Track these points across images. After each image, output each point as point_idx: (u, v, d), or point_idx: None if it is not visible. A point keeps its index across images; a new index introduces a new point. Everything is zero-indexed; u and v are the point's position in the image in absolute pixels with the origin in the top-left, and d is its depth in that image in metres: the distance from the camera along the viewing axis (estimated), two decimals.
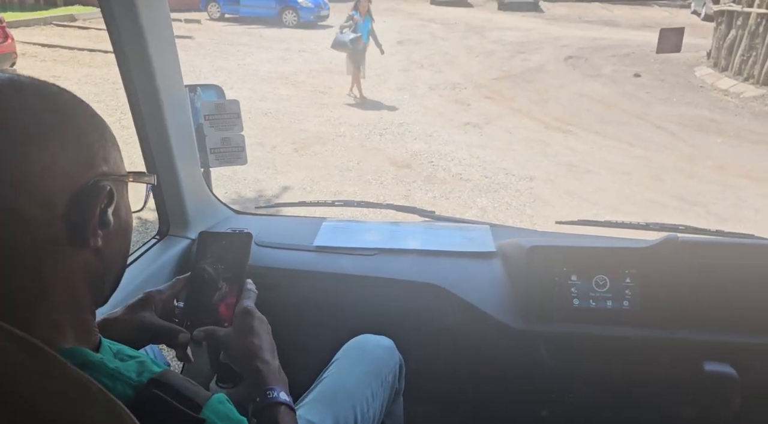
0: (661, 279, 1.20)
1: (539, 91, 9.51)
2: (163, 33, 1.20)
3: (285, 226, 1.55)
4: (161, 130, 1.25)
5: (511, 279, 1.27)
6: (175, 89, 1.28)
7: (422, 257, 1.36)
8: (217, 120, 1.43)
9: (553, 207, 4.98)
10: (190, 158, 1.38)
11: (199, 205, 1.42)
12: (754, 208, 5.05)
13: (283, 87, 8.95)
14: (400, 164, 5.88)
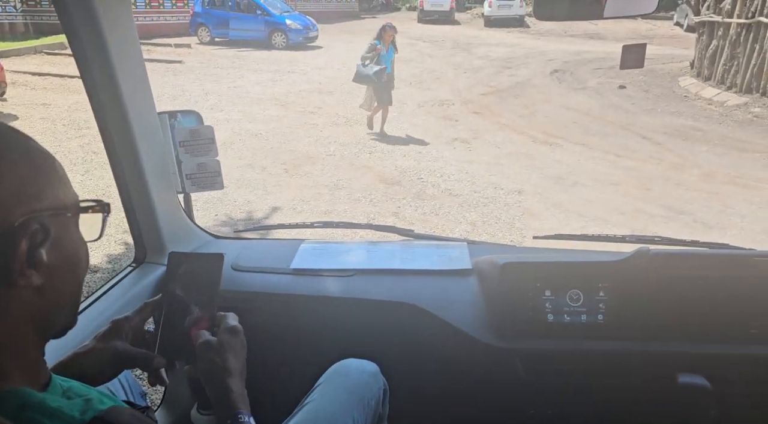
0: (634, 292, 1.21)
1: (526, 105, 9.61)
2: (131, 59, 1.22)
3: (263, 249, 1.56)
4: (133, 157, 1.26)
5: (487, 296, 1.28)
6: (146, 116, 1.30)
7: (400, 277, 1.37)
8: (192, 146, 1.45)
9: (542, 220, 5.00)
10: (165, 184, 1.39)
11: (175, 231, 1.43)
12: (740, 214, 5.09)
13: (273, 108, 9.01)
14: (389, 182, 5.91)
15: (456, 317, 1.25)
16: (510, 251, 1.53)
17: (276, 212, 5.08)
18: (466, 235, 4.71)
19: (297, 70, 12.68)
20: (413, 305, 1.27)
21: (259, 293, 1.35)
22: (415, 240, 1.61)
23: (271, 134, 7.51)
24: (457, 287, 1.33)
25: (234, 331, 0.85)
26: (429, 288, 1.33)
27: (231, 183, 5.68)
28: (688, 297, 1.20)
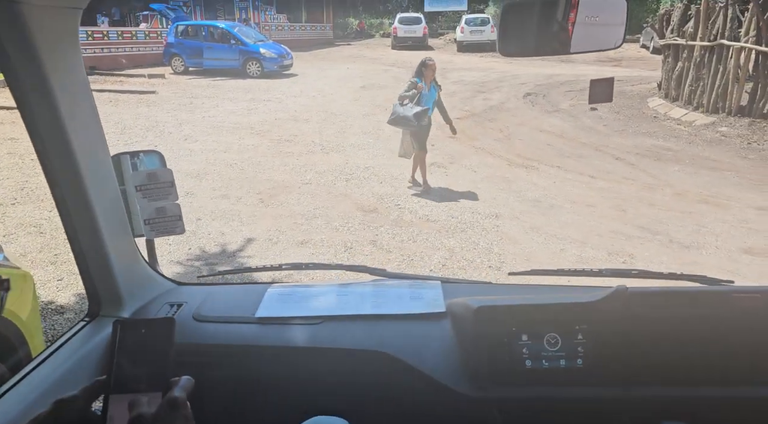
0: (613, 334, 1.17)
1: (501, 128, 9.72)
2: (79, 98, 1.15)
3: (228, 296, 1.48)
4: (84, 202, 1.19)
5: (461, 342, 1.22)
6: (98, 158, 1.23)
7: (371, 323, 1.31)
8: (150, 190, 1.38)
9: (520, 244, 4.99)
10: (121, 229, 1.31)
11: (133, 281, 1.35)
12: (714, 233, 5.15)
13: (249, 137, 8.96)
14: (367, 209, 5.87)
15: (430, 365, 1.19)
16: (485, 290, 1.48)
17: (251, 243, 4.98)
18: (445, 261, 4.67)
19: (272, 98, 12.69)
20: (385, 354, 1.21)
21: (222, 345, 1.28)
22: (388, 280, 1.55)
23: (247, 164, 7.43)
24: (431, 332, 1.27)
25: (174, 404, 0.76)
26: (402, 334, 1.27)
27: (205, 215, 5.58)
28: (668, 338, 1.16)
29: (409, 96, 6.14)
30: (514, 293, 1.38)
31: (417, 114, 6.00)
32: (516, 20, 1.09)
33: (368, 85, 14.68)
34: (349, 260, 4.72)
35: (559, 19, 1.10)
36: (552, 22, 1.11)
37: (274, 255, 4.76)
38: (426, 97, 6.23)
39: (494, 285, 1.54)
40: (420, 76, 6.20)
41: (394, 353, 1.21)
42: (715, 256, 4.75)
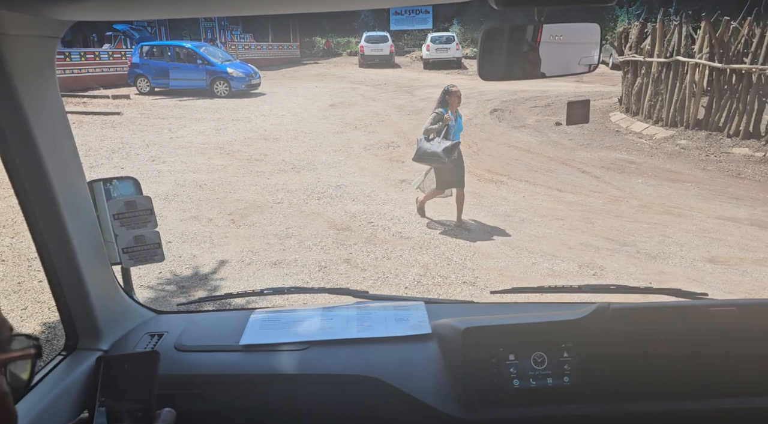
0: (598, 350, 1.19)
1: (469, 144, 9.85)
2: (55, 125, 1.13)
3: (210, 323, 1.45)
4: (60, 231, 1.16)
5: (449, 364, 1.23)
6: (74, 185, 1.20)
7: (357, 347, 1.30)
8: (127, 218, 1.35)
9: (493, 259, 5.04)
10: (99, 259, 1.28)
11: (111, 311, 1.32)
12: (679, 243, 5.30)
13: (218, 157, 8.86)
14: (340, 227, 5.85)
15: (418, 388, 1.19)
16: (468, 310, 1.49)
17: (224, 265, 4.90)
18: (420, 278, 4.69)
19: (241, 117, 12.61)
20: (373, 378, 1.21)
21: (206, 376, 1.25)
22: (371, 302, 1.55)
23: (217, 184, 7.34)
24: (418, 354, 1.27)
25: None
26: (388, 358, 1.27)
27: (175, 238, 5.48)
28: (651, 353, 1.19)
29: (436, 129, 5.57)
30: (498, 312, 1.40)
31: (447, 149, 5.45)
32: (494, 46, 1.11)
33: (337, 103, 14.74)
34: (324, 279, 4.69)
35: (534, 45, 1.14)
36: (528, 47, 1.14)
37: (247, 276, 4.70)
38: (454, 128, 5.66)
39: (477, 305, 1.56)
40: (445, 106, 5.62)
41: (381, 377, 1.21)
42: (681, 265, 4.89)
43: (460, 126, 5.81)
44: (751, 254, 5.09)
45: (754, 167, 8.15)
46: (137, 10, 1.00)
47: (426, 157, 5.58)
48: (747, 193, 7.02)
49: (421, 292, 4.47)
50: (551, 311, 1.37)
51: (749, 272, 4.71)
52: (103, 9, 0.94)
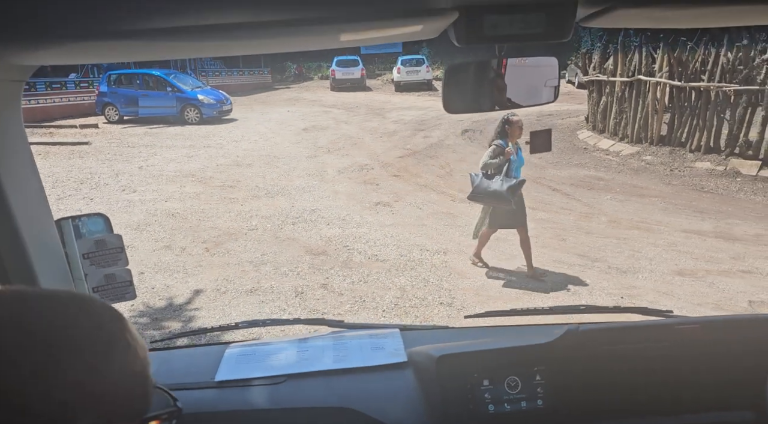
0: (569, 372, 1.22)
1: (442, 165, 9.98)
2: (21, 167, 1.12)
3: (184, 360, 1.44)
4: (26, 273, 1.14)
5: (425, 392, 1.24)
6: (41, 227, 1.19)
7: (334, 378, 1.31)
8: (98, 257, 1.34)
9: (468, 279, 5.08)
10: None
11: None
12: (648, 258, 5.43)
13: (190, 185, 8.78)
14: (315, 252, 5.84)
15: (395, 418, 1.19)
16: (443, 336, 1.51)
17: (198, 295, 4.84)
18: (397, 301, 4.69)
19: (213, 144, 12.54)
20: (350, 409, 1.21)
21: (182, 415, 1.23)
22: (347, 331, 1.56)
23: (189, 212, 7.27)
24: (394, 383, 1.28)
25: None
26: (365, 388, 1.27)
27: (148, 268, 5.39)
28: (621, 372, 1.22)
29: (496, 164, 4.89)
30: (472, 336, 1.42)
31: (512, 188, 4.77)
32: (458, 80, 1.16)
33: (310, 127, 14.79)
34: (301, 306, 4.66)
35: (496, 79, 1.18)
36: (490, 81, 1.18)
37: (222, 305, 4.64)
38: (515, 163, 4.97)
39: (452, 329, 1.58)
40: (504, 138, 4.97)
41: (358, 408, 1.22)
42: (651, 279, 5.00)
43: (522, 160, 5.13)
44: (717, 266, 5.24)
45: (716, 181, 8.42)
46: (104, 55, 1.01)
47: (485, 197, 4.90)
48: (711, 207, 7.25)
49: (399, 314, 4.48)
50: (524, 334, 1.40)
51: (716, 284, 4.84)
52: (71, 53, 0.95)
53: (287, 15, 0.77)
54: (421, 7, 0.82)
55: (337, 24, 0.82)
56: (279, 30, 0.80)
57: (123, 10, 0.75)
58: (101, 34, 0.79)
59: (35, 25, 0.78)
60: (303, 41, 0.91)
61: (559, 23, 0.90)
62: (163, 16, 0.77)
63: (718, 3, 0.80)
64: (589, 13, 0.93)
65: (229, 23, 0.76)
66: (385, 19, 0.84)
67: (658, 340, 1.24)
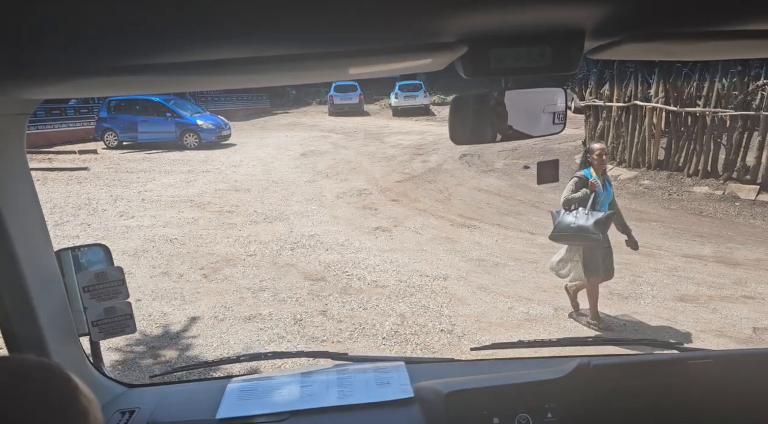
0: (581, 409, 1.19)
1: (441, 189, 10.00)
2: (23, 199, 1.11)
3: (185, 396, 1.40)
4: (25, 304, 1.12)
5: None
6: (41, 258, 1.17)
7: (338, 414, 1.27)
8: (98, 290, 1.32)
9: (469, 305, 5.04)
10: (66, 331, 1.24)
11: None
12: (649, 283, 5.40)
13: (188, 210, 8.76)
14: (314, 278, 5.79)
15: None
16: (449, 369, 1.47)
17: (196, 323, 4.78)
18: (397, 328, 4.64)
19: (211, 169, 12.56)
20: None
21: None
22: (350, 364, 1.52)
23: (187, 238, 7.23)
24: (401, 420, 1.25)
25: None
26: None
27: (145, 295, 5.33)
28: (632, 408, 1.19)
29: (579, 198, 4.39)
30: (479, 370, 1.39)
31: (599, 222, 4.23)
32: (463, 112, 1.15)
33: (308, 152, 14.85)
34: (299, 333, 4.60)
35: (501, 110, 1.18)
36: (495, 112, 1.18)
37: (220, 333, 4.58)
38: (602, 196, 4.42)
39: (458, 363, 1.54)
40: (587, 166, 4.52)
41: None
42: (652, 305, 4.96)
43: (610, 193, 4.53)
44: (719, 291, 5.20)
45: (714, 205, 8.44)
46: (110, 89, 1.01)
47: (570, 235, 4.33)
48: (710, 231, 7.24)
49: (399, 341, 4.42)
50: (532, 367, 1.37)
51: (718, 310, 4.80)
52: (75, 88, 0.94)
53: (297, 50, 0.76)
54: (430, 42, 0.82)
55: (347, 58, 0.82)
56: (287, 64, 0.80)
57: (128, 46, 0.75)
58: (107, 70, 0.78)
59: (40, 61, 0.77)
60: (311, 74, 0.91)
61: (567, 56, 0.90)
62: (169, 52, 0.77)
63: (727, 37, 0.80)
64: (597, 46, 0.93)
65: (238, 58, 0.75)
66: (394, 53, 0.83)
67: (671, 375, 1.21)
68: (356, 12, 0.69)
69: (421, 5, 0.67)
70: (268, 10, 0.65)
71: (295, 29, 0.71)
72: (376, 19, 0.74)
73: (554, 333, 4.53)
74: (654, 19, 0.76)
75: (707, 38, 0.77)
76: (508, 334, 4.49)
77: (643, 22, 0.79)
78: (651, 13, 0.74)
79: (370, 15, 0.71)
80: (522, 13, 0.78)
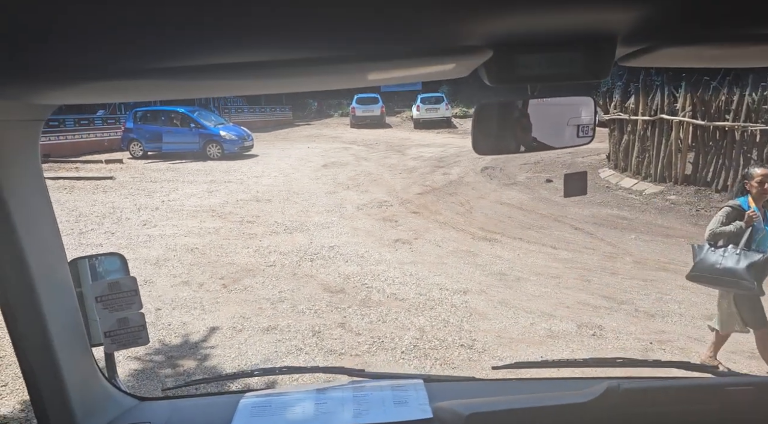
0: None
1: (462, 202, 9.92)
2: (37, 206, 1.10)
3: (197, 410, 1.37)
4: (35, 314, 1.10)
5: None
6: (54, 267, 1.15)
7: None
8: (111, 300, 1.29)
9: (490, 320, 4.94)
10: (77, 342, 1.21)
11: (90, 400, 1.23)
12: (677, 300, 5.24)
13: (210, 220, 8.83)
14: (333, 290, 5.75)
15: None
16: (470, 389, 1.41)
17: (215, 333, 4.77)
18: (416, 342, 4.56)
19: (233, 179, 12.68)
20: None
21: None
22: (367, 381, 1.47)
23: (208, 248, 7.27)
24: None
25: None
26: None
27: (165, 304, 5.35)
28: None
29: (730, 233, 3.65)
30: (501, 390, 1.33)
31: (756, 267, 3.47)
32: (487, 120, 1.11)
33: (329, 163, 14.90)
34: (318, 345, 4.56)
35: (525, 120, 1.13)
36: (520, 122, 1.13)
37: (238, 344, 4.56)
38: (762, 233, 3.64)
39: (479, 382, 1.48)
40: (745, 197, 3.74)
41: None
42: (680, 324, 4.81)
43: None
44: None
45: None
46: (124, 94, 0.99)
47: (713, 277, 3.65)
48: None
49: (418, 356, 4.35)
50: (558, 388, 1.30)
51: None
52: (90, 92, 0.93)
53: (317, 54, 0.73)
54: (455, 46, 0.78)
55: (367, 63, 0.78)
56: (306, 69, 0.76)
57: (144, 49, 0.72)
58: (122, 73, 0.76)
59: (53, 64, 0.76)
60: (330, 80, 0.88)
61: (597, 63, 0.85)
62: (186, 55, 0.74)
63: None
64: (629, 52, 0.88)
65: (257, 62, 0.72)
66: (417, 58, 0.80)
67: (707, 402, 1.14)
68: (377, 14, 0.65)
69: (447, 7, 0.63)
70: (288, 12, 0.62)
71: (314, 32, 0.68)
72: (397, 22, 0.70)
73: (577, 351, 4.41)
74: (695, 21, 0.71)
75: (755, 40, 0.72)
76: (530, 350, 4.39)
77: (683, 24, 0.74)
78: (692, 15, 0.69)
79: (393, 17, 0.68)
80: (552, 17, 0.73)
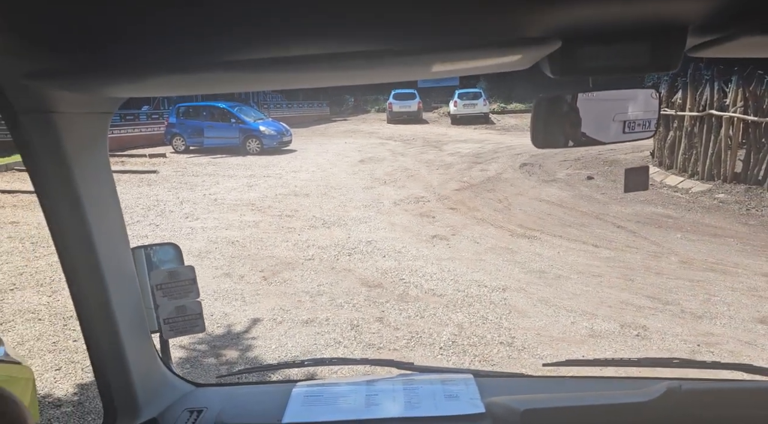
0: None
1: (500, 199, 9.80)
2: (105, 196, 1.14)
3: (250, 398, 1.40)
4: (103, 300, 1.14)
5: None
6: (119, 253, 1.19)
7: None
8: (170, 288, 1.33)
9: (529, 318, 4.88)
10: (139, 330, 1.26)
11: (151, 384, 1.28)
12: (725, 302, 5.06)
13: (250, 214, 8.98)
14: (371, 284, 5.78)
15: None
16: (521, 385, 1.40)
17: (256, 324, 4.86)
18: (454, 338, 4.55)
19: (272, 174, 12.86)
20: None
21: None
22: (416, 374, 1.48)
23: (248, 241, 7.40)
24: None
25: None
26: None
27: (207, 295, 5.47)
28: None
29: None
30: (553, 387, 1.31)
31: None
32: (547, 114, 1.10)
33: (366, 158, 14.95)
34: (356, 339, 4.59)
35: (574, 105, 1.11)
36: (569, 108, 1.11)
37: (278, 336, 4.64)
38: None
39: (530, 379, 1.47)
40: None
41: None
42: (730, 326, 4.64)
43: None
44: None
45: None
46: (189, 87, 1.01)
47: None
48: None
49: (456, 352, 4.33)
50: (612, 388, 1.27)
51: None
52: (158, 86, 0.95)
53: (383, 46, 0.73)
54: (523, 37, 0.77)
55: (432, 54, 0.78)
56: (374, 61, 0.77)
57: (211, 45, 0.74)
58: (192, 68, 0.78)
59: (128, 59, 0.78)
60: (395, 72, 0.88)
61: (665, 54, 0.83)
62: (245, 49, 0.76)
63: None
64: (701, 42, 0.85)
65: (326, 54, 0.73)
66: (483, 49, 0.79)
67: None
68: (444, 5, 0.65)
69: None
70: (358, 4, 0.62)
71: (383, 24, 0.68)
72: (465, 13, 0.70)
73: (620, 351, 4.31)
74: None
75: None
76: (571, 349, 4.32)
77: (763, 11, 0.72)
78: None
79: (461, 9, 0.68)
80: (623, 6, 0.72)
